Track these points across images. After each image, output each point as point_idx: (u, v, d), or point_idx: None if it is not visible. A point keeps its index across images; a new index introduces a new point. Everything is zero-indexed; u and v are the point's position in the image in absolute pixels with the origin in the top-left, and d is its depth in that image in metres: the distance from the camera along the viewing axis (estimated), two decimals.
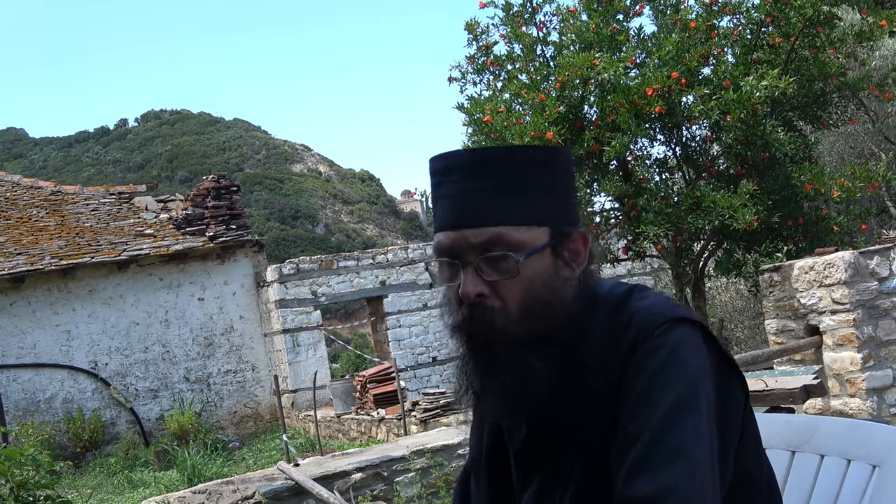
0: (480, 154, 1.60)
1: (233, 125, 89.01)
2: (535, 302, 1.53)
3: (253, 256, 18.04)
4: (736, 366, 1.58)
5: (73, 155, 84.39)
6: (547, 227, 1.56)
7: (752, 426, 1.60)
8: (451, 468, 6.84)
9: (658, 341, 1.47)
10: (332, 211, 74.90)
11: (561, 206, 1.60)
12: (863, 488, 1.85)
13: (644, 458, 1.39)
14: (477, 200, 1.54)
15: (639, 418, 1.43)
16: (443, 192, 1.60)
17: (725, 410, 1.50)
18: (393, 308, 17.87)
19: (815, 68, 8.83)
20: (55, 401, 15.80)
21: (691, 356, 1.47)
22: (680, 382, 1.43)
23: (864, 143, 12.51)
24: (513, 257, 1.51)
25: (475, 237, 1.53)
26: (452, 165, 1.59)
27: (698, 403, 1.43)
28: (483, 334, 1.53)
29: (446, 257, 1.57)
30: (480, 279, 1.53)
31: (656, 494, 1.35)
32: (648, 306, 1.55)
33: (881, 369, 6.37)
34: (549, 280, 1.55)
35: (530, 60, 9.62)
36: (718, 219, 8.24)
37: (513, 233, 1.52)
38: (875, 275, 6.42)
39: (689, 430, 1.40)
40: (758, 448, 1.61)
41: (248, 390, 17.61)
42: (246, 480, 6.90)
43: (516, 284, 1.52)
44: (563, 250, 1.58)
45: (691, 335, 1.49)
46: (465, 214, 1.55)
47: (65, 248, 16.29)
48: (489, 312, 1.52)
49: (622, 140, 8.35)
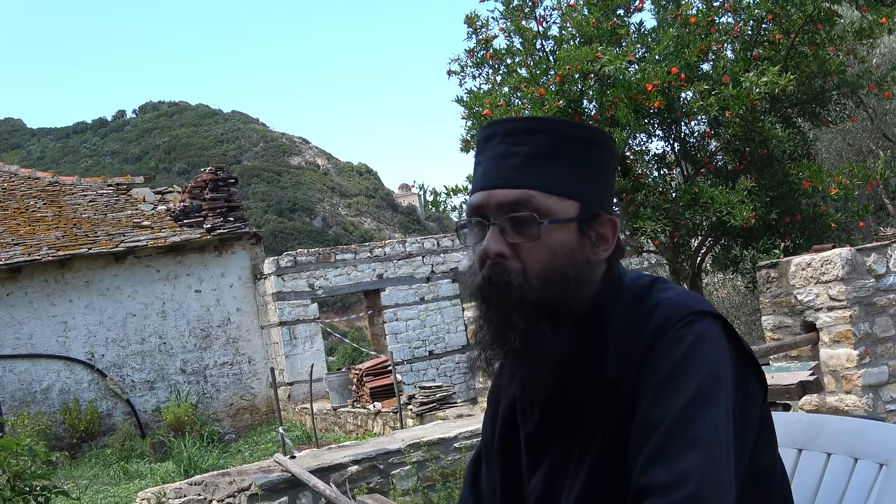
0: (522, 122, 1.65)
1: (231, 117, 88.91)
2: (555, 271, 1.54)
3: (250, 249, 18.03)
4: (755, 361, 1.59)
5: (70, 146, 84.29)
6: (577, 202, 1.58)
7: (769, 422, 1.61)
8: (447, 461, 6.85)
9: (680, 333, 1.48)
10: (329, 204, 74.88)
11: (595, 187, 1.62)
12: (869, 487, 1.84)
13: (661, 446, 1.40)
14: (512, 164, 1.58)
15: (658, 408, 1.44)
16: (482, 158, 1.64)
17: (744, 405, 1.52)
18: (390, 301, 17.86)
19: (814, 65, 8.84)
20: (52, 391, 15.78)
21: (713, 349, 1.48)
22: (701, 374, 1.44)
23: (863, 140, 12.51)
24: (537, 220, 1.53)
25: (504, 197, 1.56)
26: (494, 132, 1.63)
27: (718, 396, 1.44)
28: (500, 296, 1.55)
29: (476, 216, 1.60)
30: (503, 239, 1.55)
31: (671, 482, 1.36)
32: (672, 298, 1.56)
33: (877, 366, 6.38)
34: (571, 254, 1.56)
35: (530, 54, 9.62)
36: (716, 215, 8.25)
37: (542, 198, 1.55)
38: (872, 272, 6.43)
39: (707, 421, 1.41)
40: (772, 444, 1.62)
41: (244, 382, 17.61)
42: (242, 472, 6.90)
43: (538, 249, 1.54)
44: (590, 230, 1.59)
45: (713, 329, 1.51)
46: (498, 176, 1.58)
47: (62, 239, 16.26)
48: (507, 273, 1.54)
49: (621, 135, 8.36)
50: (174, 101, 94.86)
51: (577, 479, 1.55)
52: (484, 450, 1.86)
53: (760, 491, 1.56)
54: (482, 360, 1.62)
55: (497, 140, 1.62)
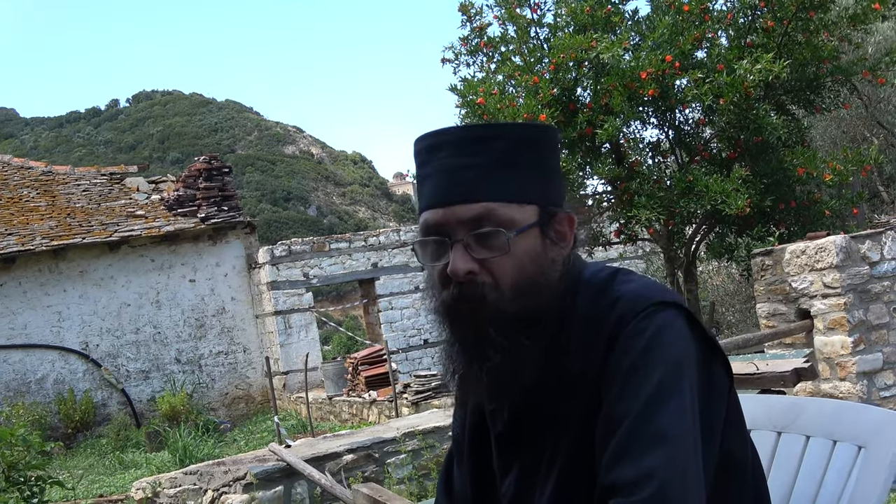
0: (469, 131, 1.58)
1: (225, 106, 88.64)
2: (525, 280, 1.51)
3: (244, 238, 18.01)
4: (720, 349, 1.56)
5: (64, 135, 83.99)
6: (536, 205, 1.54)
7: (737, 410, 1.59)
8: (441, 450, 6.86)
9: (641, 325, 1.46)
10: (324, 193, 74.77)
11: (549, 186, 1.59)
12: (848, 469, 1.85)
13: (626, 443, 1.38)
14: (466, 176, 1.52)
15: (622, 402, 1.42)
16: (430, 170, 1.57)
17: (710, 394, 1.49)
18: (385, 290, 17.86)
19: (808, 52, 8.83)
20: (46, 382, 15.77)
21: (675, 340, 1.45)
22: (663, 366, 1.42)
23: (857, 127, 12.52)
24: (504, 234, 1.49)
25: (465, 213, 1.50)
26: (441, 142, 1.57)
27: (681, 387, 1.42)
28: (472, 312, 1.51)
29: (434, 235, 1.54)
30: (470, 256, 1.50)
31: (636, 480, 1.34)
32: (632, 290, 1.53)
33: (871, 353, 6.38)
34: (538, 259, 1.53)
35: (524, 42, 9.60)
36: (711, 203, 8.25)
37: (503, 209, 1.51)
38: (866, 259, 6.43)
39: (672, 414, 1.39)
40: (742, 431, 1.60)
41: (239, 372, 17.61)
42: (237, 461, 6.91)
43: (506, 262, 1.50)
44: (550, 230, 1.56)
45: (675, 319, 1.48)
46: (454, 191, 1.52)
47: (56, 229, 16.23)
48: (480, 288, 1.50)
49: (615, 123, 8.35)
50: (168, 90, 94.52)
51: (549, 479, 1.53)
52: (455, 449, 1.84)
53: (733, 479, 1.55)
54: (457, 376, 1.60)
55: (446, 151, 1.55)
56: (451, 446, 1.89)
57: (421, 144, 1.61)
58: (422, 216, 1.58)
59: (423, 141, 1.61)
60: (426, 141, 1.60)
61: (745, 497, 1.59)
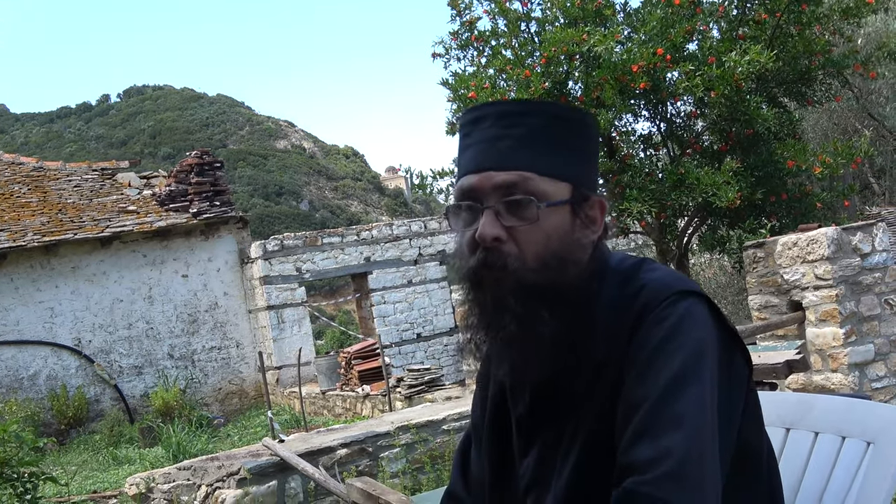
0: (514, 105, 1.62)
1: (216, 101, 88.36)
2: (551, 254, 1.53)
3: (237, 233, 17.99)
4: (740, 339, 1.58)
5: (54, 131, 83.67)
6: (570, 184, 1.57)
7: (755, 400, 1.62)
8: (435, 444, 6.87)
9: (665, 312, 1.49)
10: (316, 187, 74.61)
11: (584, 169, 1.62)
12: (857, 465, 1.86)
13: (645, 424, 1.41)
14: (503, 146, 1.56)
15: (642, 386, 1.44)
16: (471, 140, 1.62)
17: (729, 383, 1.52)
18: (378, 284, 17.86)
19: (800, 45, 8.84)
20: (39, 378, 15.75)
21: (696, 328, 1.48)
22: (684, 352, 1.44)
23: (848, 120, 12.55)
24: (535, 202, 1.52)
25: (499, 179, 1.54)
26: (483, 115, 1.61)
27: (702, 374, 1.44)
28: (495, 280, 1.54)
29: (468, 200, 1.58)
30: (499, 223, 1.53)
31: (655, 458, 1.36)
32: (657, 279, 1.56)
33: (863, 344, 6.41)
34: (565, 237, 1.56)
35: (514, 36, 9.59)
36: (702, 196, 8.26)
37: (538, 181, 1.54)
38: (857, 251, 6.45)
39: (691, 398, 1.41)
40: (759, 422, 1.62)
41: (232, 367, 17.60)
42: (231, 457, 6.91)
43: (534, 233, 1.53)
44: (581, 212, 1.59)
45: (697, 307, 1.51)
46: (491, 158, 1.57)
47: (47, 225, 16.19)
48: (504, 257, 1.53)
49: (607, 116, 8.35)
50: (158, 85, 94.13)
51: (567, 461, 1.55)
52: (473, 432, 1.86)
53: (748, 469, 1.57)
54: (472, 345, 1.62)
55: (489, 122, 1.60)
56: (467, 429, 1.91)
57: (466, 117, 1.66)
58: (458, 182, 1.62)
59: (468, 114, 1.65)
60: (471, 114, 1.64)
61: (759, 486, 1.61)
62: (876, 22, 11.24)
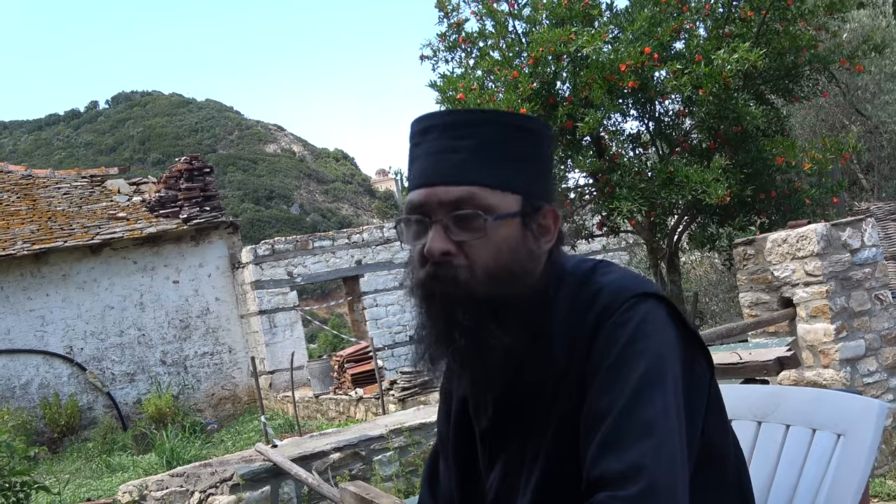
0: (460, 115, 1.61)
1: (205, 106, 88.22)
2: (501, 267, 1.52)
3: (227, 238, 17.97)
4: (701, 340, 1.58)
5: (43, 138, 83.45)
6: (519, 195, 1.55)
7: (718, 399, 1.60)
8: (428, 446, 6.86)
9: (624, 317, 1.47)
10: (306, 191, 74.56)
11: (535, 179, 1.59)
12: (828, 457, 1.87)
13: (612, 435, 1.39)
14: (452, 159, 1.54)
15: (606, 395, 1.42)
16: (419, 151, 1.60)
17: (691, 384, 1.50)
18: (369, 287, 17.85)
19: (786, 41, 8.85)
20: (31, 386, 15.71)
21: (657, 331, 1.47)
22: (646, 358, 1.43)
23: (836, 115, 12.58)
24: (482, 216, 1.50)
25: (446, 194, 1.52)
26: (432, 125, 1.59)
27: (665, 379, 1.43)
28: (444, 293, 1.52)
29: (417, 214, 1.56)
30: (447, 237, 1.52)
31: (625, 473, 1.35)
32: (614, 281, 1.55)
33: (854, 340, 6.41)
34: (516, 248, 1.54)
35: (502, 37, 9.58)
36: (692, 194, 8.26)
37: (485, 194, 1.52)
38: (847, 247, 6.46)
39: (656, 406, 1.40)
40: (723, 421, 1.61)
41: (225, 372, 17.58)
42: (224, 462, 6.89)
43: (483, 246, 1.51)
44: (532, 223, 1.57)
45: (657, 310, 1.49)
46: (438, 172, 1.55)
47: (37, 233, 16.15)
48: (453, 270, 1.51)
49: (595, 116, 8.34)
50: (147, 91, 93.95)
51: (533, 473, 1.53)
52: (440, 446, 1.85)
53: (715, 469, 1.56)
54: (427, 359, 1.60)
55: (436, 134, 1.58)
56: (434, 444, 1.89)
57: (415, 127, 1.63)
58: (408, 196, 1.60)
59: (417, 124, 1.63)
60: (420, 124, 1.62)
61: (727, 487, 1.59)
62: (861, 17, 11.28)
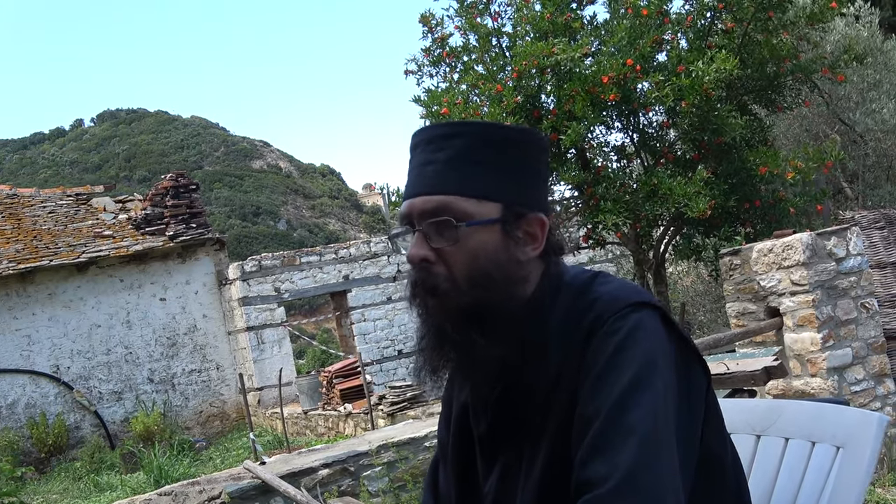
0: (440, 129, 1.66)
1: (190, 123, 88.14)
2: (479, 273, 1.56)
3: (214, 255, 17.93)
4: (696, 349, 1.60)
5: (28, 157, 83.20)
6: (499, 203, 1.59)
7: (715, 408, 1.62)
8: (417, 461, 6.84)
9: (616, 325, 1.49)
10: (293, 206, 74.49)
11: (520, 187, 1.63)
12: (827, 470, 1.88)
13: (599, 440, 1.41)
14: (431, 171, 1.61)
15: (595, 400, 1.45)
16: (410, 166, 1.67)
17: (688, 393, 1.52)
18: (357, 302, 17.83)
19: (767, 51, 8.90)
20: (17, 406, 15.61)
21: (648, 339, 1.48)
22: (636, 364, 1.45)
23: (818, 125, 12.63)
24: (453, 223, 1.56)
25: (424, 204, 1.59)
26: (418, 140, 1.67)
27: (654, 383, 1.44)
28: (432, 305, 1.58)
29: (404, 224, 1.65)
30: (427, 244, 1.58)
31: (609, 475, 1.37)
32: (610, 291, 1.57)
33: (841, 348, 6.44)
34: (495, 255, 1.57)
35: (486, 51, 9.62)
36: (675, 206, 8.29)
37: (460, 203, 1.57)
38: (832, 255, 6.49)
39: (643, 409, 1.41)
40: (721, 430, 1.63)
41: (213, 389, 17.51)
42: (212, 480, 6.86)
43: (459, 252, 1.57)
44: (516, 230, 1.60)
45: (650, 319, 1.52)
46: (419, 184, 1.62)
47: (22, 252, 16.08)
48: (434, 277, 1.57)
49: (578, 128, 8.36)
50: (132, 109, 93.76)
51: (529, 479, 1.56)
52: (441, 452, 1.88)
53: (713, 477, 1.58)
54: (427, 368, 1.64)
55: (420, 148, 1.65)
56: (437, 449, 1.92)
57: (410, 142, 1.71)
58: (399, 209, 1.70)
59: (411, 139, 1.71)
60: (413, 139, 1.70)
61: (725, 494, 1.61)
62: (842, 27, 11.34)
